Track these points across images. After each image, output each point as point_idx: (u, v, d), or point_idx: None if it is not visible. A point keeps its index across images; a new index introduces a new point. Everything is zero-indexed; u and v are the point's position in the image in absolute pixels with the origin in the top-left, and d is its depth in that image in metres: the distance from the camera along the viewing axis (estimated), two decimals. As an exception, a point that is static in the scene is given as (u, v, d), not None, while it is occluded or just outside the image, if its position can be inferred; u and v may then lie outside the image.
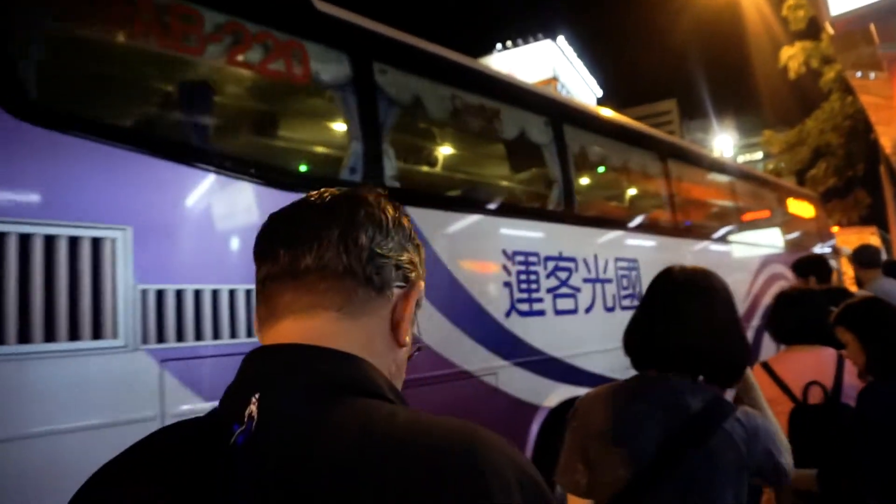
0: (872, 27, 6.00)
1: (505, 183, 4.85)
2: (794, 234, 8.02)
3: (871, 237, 13.96)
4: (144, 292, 2.08)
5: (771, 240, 7.18)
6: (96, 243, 2.00)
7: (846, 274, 9.58)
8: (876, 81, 8.48)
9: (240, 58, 2.56)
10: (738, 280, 5.73)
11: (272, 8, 2.77)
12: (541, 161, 4.15)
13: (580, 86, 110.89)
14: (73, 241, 1.96)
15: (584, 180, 5.03)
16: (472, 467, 0.54)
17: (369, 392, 0.63)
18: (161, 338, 2.11)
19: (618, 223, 4.77)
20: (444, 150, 4.58)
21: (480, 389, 3.14)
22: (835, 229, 12.98)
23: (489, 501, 0.53)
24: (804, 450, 1.85)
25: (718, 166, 6.87)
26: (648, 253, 4.73)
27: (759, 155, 46.32)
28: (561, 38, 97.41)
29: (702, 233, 5.96)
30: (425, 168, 4.42)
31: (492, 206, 3.76)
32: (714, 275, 1.46)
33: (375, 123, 3.01)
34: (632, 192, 5.54)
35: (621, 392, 1.40)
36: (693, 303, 1.38)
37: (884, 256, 7.30)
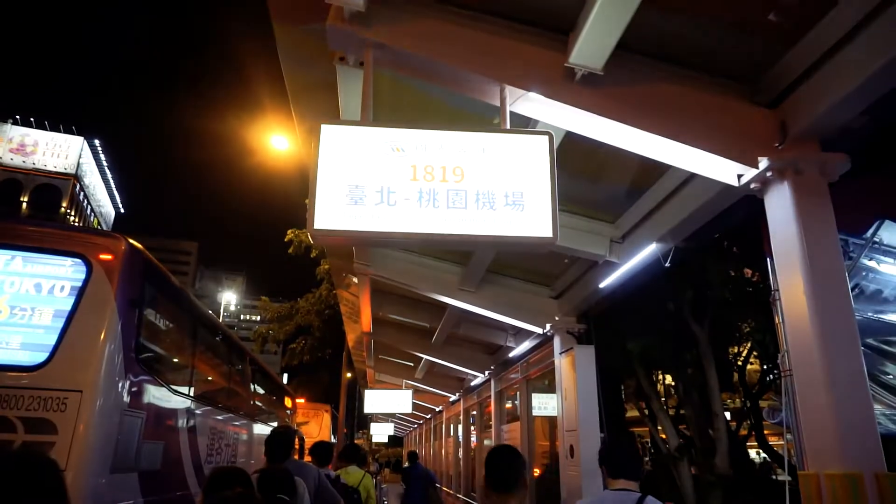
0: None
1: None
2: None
3: (326, 414, 16.64)
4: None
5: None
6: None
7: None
8: (352, 289, 9.54)
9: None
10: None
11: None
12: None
13: (103, 195, 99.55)
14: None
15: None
16: None
17: None
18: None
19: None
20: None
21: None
22: (300, 401, 15.65)
23: None
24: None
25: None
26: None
27: (257, 317, 48.32)
28: (97, 141, 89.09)
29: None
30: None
31: None
32: None
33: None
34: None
35: None
36: None
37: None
